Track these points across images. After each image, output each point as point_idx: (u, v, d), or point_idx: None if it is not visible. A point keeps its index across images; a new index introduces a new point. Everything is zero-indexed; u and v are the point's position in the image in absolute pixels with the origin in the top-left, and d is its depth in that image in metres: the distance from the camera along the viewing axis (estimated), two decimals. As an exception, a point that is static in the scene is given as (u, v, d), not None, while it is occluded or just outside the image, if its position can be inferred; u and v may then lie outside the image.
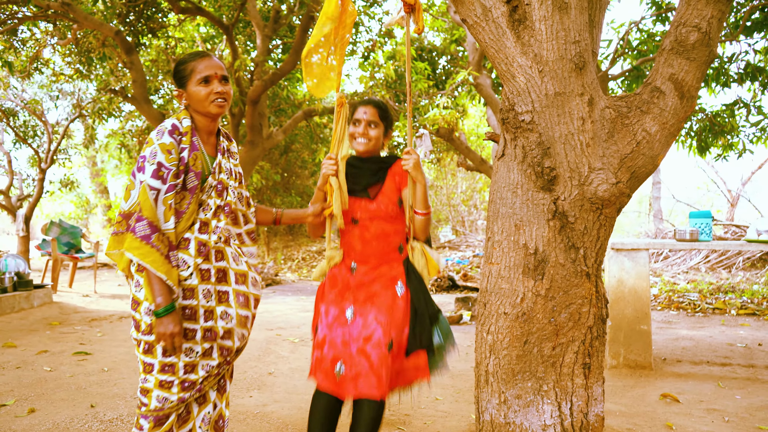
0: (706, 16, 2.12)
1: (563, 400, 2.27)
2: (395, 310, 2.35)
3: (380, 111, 2.52)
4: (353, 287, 2.44)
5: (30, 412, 3.36)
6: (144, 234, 1.93)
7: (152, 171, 1.96)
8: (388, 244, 2.48)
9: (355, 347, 2.29)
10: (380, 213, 2.46)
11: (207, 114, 2.13)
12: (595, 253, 2.27)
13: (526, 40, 2.19)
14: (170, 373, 2.03)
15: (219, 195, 2.16)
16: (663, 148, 2.19)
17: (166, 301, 1.96)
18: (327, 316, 2.42)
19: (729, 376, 4.19)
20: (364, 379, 2.23)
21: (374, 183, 2.49)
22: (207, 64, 2.11)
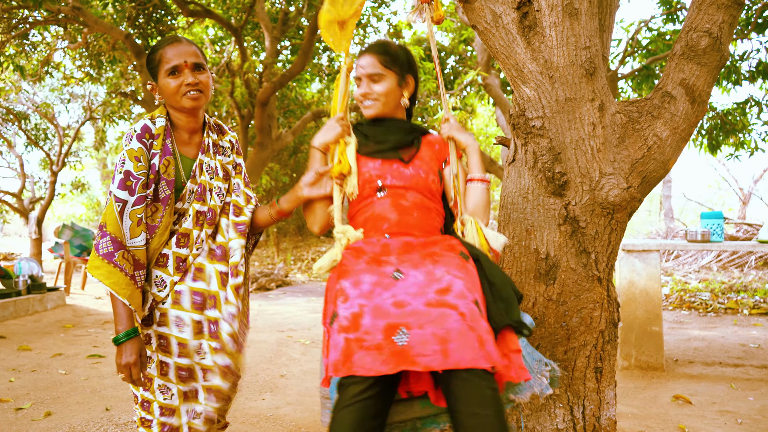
0: (717, 21, 2.12)
1: (575, 404, 2.27)
2: (469, 272, 1.71)
3: (383, 57, 2.00)
4: (397, 250, 1.80)
5: (46, 416, 3.40)
6: (107, 252, 1.72)
7: (119, 181, 1.76)
8: (431, 219, 1.94)
9: (422, 301, 1.57)
10: (418, 181, 1.93)
11: (181, 109, 1.87)
12: (607, 258, 2.28)
13: (536, 46, 2.20)
14: (147, 411, 1.86)
15: (199, 199, 1.90)
16: (674, 153, 2.19)
17: (126, 326, 1.75)
18: (357, 287, 1.65)
19: (742, 377, 4.18)
20: (460, 338, 1.47)
21: (407, 144, 2.01)
22: (176, 51, 1.83)
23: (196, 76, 1.84)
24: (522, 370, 1.61)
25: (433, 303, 1.55)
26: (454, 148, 2.03)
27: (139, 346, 1.76)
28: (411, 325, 1.50)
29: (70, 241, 8.60)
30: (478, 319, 1.52)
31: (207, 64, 1.91)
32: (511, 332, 1.67)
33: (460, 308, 1.52)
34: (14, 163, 14.45)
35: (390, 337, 1.49)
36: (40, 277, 7.20)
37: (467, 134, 2.01)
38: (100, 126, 13.63)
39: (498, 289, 1.71)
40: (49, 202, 12.69)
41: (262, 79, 10.35)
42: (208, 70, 1.91)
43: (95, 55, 9.99)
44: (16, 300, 6.50)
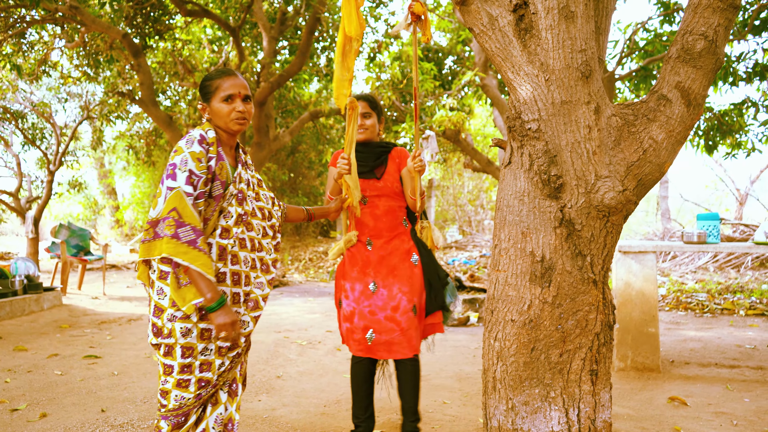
0: (712, 24, 2.12)
1: (571, 407, 2.28)
2: (414, 278, 2.80)
3: (370, 103, 2.93)
4: (373, 263, 2.83)
5: (42, 417, 3.39)
6: (190, 239, 2.00)
7: (185, 178, 2.04)
8: (395, 218, 2.91)
9: (383, 315, 2.72)
10: (386, 190, 2.89)
11: (227, 130, 2.23)
12: (602, 261, 2.28)
13: (532, 48, 2.20)
14: (188, 372, 2.10)
15: (239, 204, 2.25)
16: (670, 155, 2.20)
17: (217, 295, 2.04)
18: (353, 291, 2.81)
19: (737, 378, 4.19)
20: (398, 344, 2.70)
21: (379, 165, 2.91)
22: (232, 83, 2.21)
23: (245, 105, 2.23)
24: (439, 326, 2.91)
25: (388, 318, 2.74)
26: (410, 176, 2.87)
27: (230, 309, 2.08)
28: (376, 330, 2.74)
29: (66, 241, 8.58)
30: (411, 325, 2.73)
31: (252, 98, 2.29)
32: (438, 312, 2.88)
33: (402, 324, 2.72)
34: (11, 162, 14.41)
35: (364, 334, 2.74)
36: (37, 277, 7.18)
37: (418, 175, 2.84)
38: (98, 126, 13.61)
39: (432, 284, 2.84)
40: (46, 202, 12.64)
41: (259, 79, 10.34)
42: (252, 102, 2.29)
43: (93, 54, 9.97)
44: (12, 300, 6.48)
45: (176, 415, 2.12)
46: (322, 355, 5.00)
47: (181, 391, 2.10)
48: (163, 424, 2.11)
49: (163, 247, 2.00)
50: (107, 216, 21.54)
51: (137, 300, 8.28)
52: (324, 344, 5.42)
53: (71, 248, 8.70)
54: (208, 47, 12.41)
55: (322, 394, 3.86)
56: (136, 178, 17.84)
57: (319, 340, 5.58)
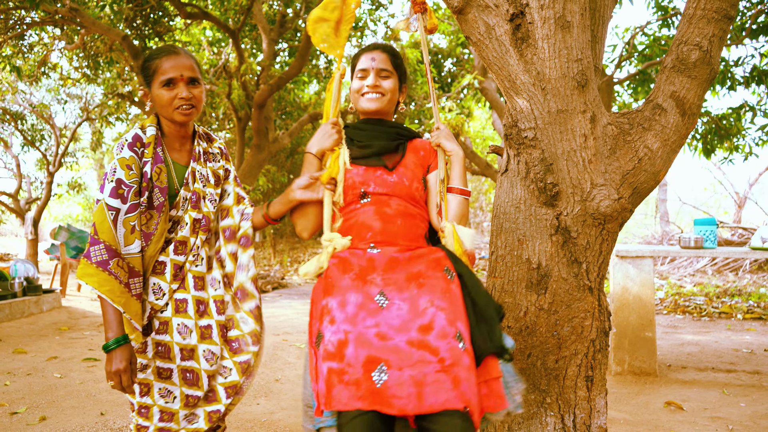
0: (707, 34, 2.14)
1: (566, 413, 2.29)
2: (453, 296, 1.70)
3: (392, 57, 2.10)
4: (382, 267, 1.80)
5: (41, 420, 3.41)
6: (100, 260, 1.73)
7: (111, 189, 1.77)
8: (416, 227, 1.96)
9: (404, 338, 1.57)
10: (401, 189, 1.97)
11: (172, 121, 1.91)
12: (598, 268, 2.30)
13: (528, 58, 2.22)
14: (144, 417, 1.87)
15: (194, 207, 1.94)
16: (665, 164, 2.22)
17: (116, 333, 1.74)
18: (344, 306, 1.66)
19: (734, 382, 4.21)
20: (435, 383, 1.50)
21: (392, 151, 2.04)
22: (173, 63, 1.86)
23: (191, 90, 1.88)
24: (500, 399, 1.64)
25: (415, 343, 1.56)
26: (443, 156, 2.08)
27: (129, 353, 1.75)
28: (391, 363, 1.53)
29: (66, 243, 8.60)
30: (457, 359, 1.54)
31: (202, 77, 1.95)
32: (493, 358, 1.68)
33: (440, 352, 1.54)
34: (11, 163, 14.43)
35: (369, 372, 1.51)
36: (36, 279, 7.20)
37: (455, 143, 2.04)
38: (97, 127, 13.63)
39: (481, 310, 1.72)
40: (45, 203, 12.67)
41: (259, 81, 10.36)
42: (203, 84, 1.95)
43: (92, 56, 9.98)
44: (11, 302, 6.50)
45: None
46: (320, 358, 5.02)
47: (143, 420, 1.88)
48: None
49: (80, 267, 1.77)
50: (106, 217, 21.54)
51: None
52: (322, 347, 5.43)
53: (70, 250, 8.72)
54: (208, 49, 12.44)
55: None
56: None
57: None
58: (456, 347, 1.56)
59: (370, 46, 2.09)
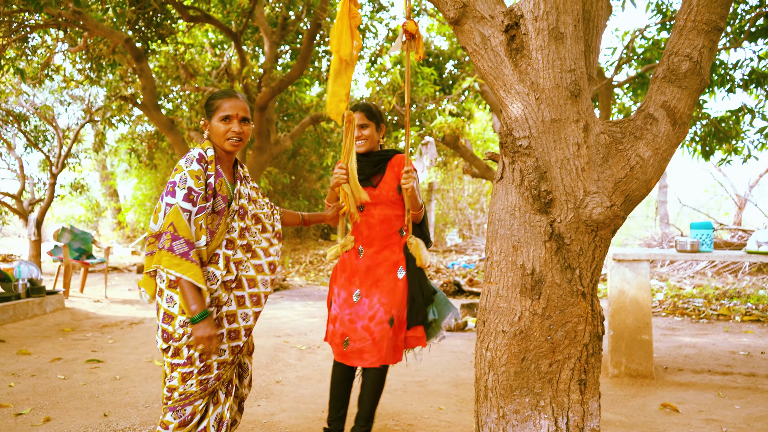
0: (697, 45, 2.19)
1: (560, 416, 2.34)
2: (396, 291, 2.87)
3: (367, 113, 2.95)
4: (361, 272, 2.92)
5: (45, 421, 3.46)
6: (183, 251, 2.15)
7: (183, 195, 2.19)
8: (390, 227, 2.96)
9: (360, 324, 2.82)
10: (382, 198, 2.93)
11: (222, 149, 2.39)
12: (591, 273, 2.35)
13: (523, 68, 2.27)
14: (191, 365, 2.26)
15: (241, 218, 2.44)
16: (656, 172, 2.27)
17: (201, 307, 2.18)
18: (339, 297, 2.94)
19: (730, 385, 4.25)
20: (368, 353, 2.79)
21: (376, 173, 2.95)
22: (231, 104, 2.36)
23: (242, 126, 2.38)
24: (421, 340, 2.92)
25: (364, 327, 2.83)
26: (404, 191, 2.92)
27: (212, 322, 2.21)
28: (351, 338, 2.85)
29: (69, 245, 8.65)
30: (384, 335, 2.80)
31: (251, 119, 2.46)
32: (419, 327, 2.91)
33: (374, 334, 2.80)
34: (14, 164, 14.50)
35: (342, 341, 2.88)
36: (40, 281, 7.25)
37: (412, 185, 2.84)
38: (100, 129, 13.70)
39: (415, 300, 2.90)
40: (48, 204, 12.72)
41: (261, 83, 10.41)
42: (251, 123, 2.44)
43: (95, 58, 10.05)
44: (15, 303, 6.55)
45: (182, 405, 2.26)
46: (321, 359, 5.07)
47: (186, 385, 2.26)
48: (170, 417, 2.26)
49: (162, 258, 2.17)
50: (109, 218, 21.62)
51: (139, 303, 8.36)
52: (323, 349, 5.49)
53: (73, 251, 8.77)
54: (210, 51, 12.49)
55: (320, 400, 3.92)
56: (138, 181, 17.92)
57: (318, 345, 5.65)
58: (386, 328, 2.81)
59: (352, 108, 2.92)
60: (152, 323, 6.73)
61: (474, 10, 2.31)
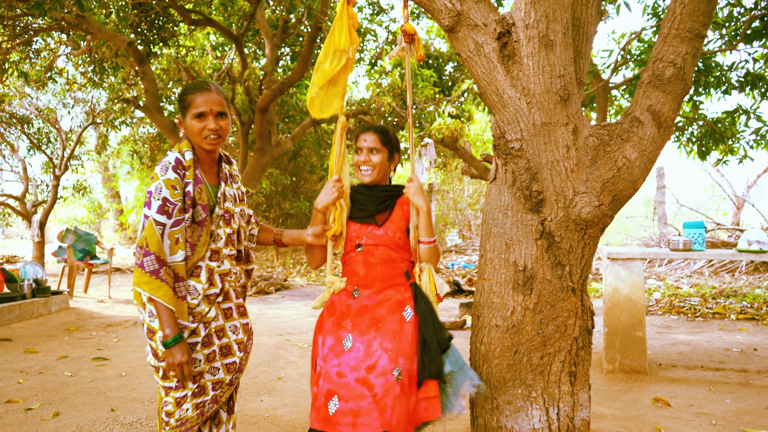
0: (681, 52, 2.30)
1: (551, 406, 2.45)
2: (403, 335, 2.23)
3: (381, 136, 2.46)
4: (354, 313, 2.32)
5: (55, 416, 3.57)
6: (153, 269, 1.99)
7: (158, 206, 2.02)
8: (394, 269, 2.40)
9: (354, 377, 2.13)
10: (387, 240, 2.41)
11: (200, 148, 2.20)
12: (580, 270, 2.45)
13: (515, 74, 2.38)
14: (181, 388, 2.12)
15: (227, 224, 2.23)
16: (642, 173, 2.37)
17: (174, 331, 2.01)
18: (323, 347, 2.28)
19: (721, 380, 4.35)
20: (366, 415, 2.05)
21: (382, 210, 2.45)
22: (204, 99, 2.14)
23: (218, 122, 2.16)
24: (434, 411, 2.17)
25: (360, 380, 2.12)
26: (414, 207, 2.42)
27: (186, 347, 2.05)
28: (341, 396, 2.11)
29: (73, 246, 8.76)
30: (389, 391, 2.09)
31: (229, 111, 2.22)
32: (432, 381, 2.21)
33: (375, 388, 2.09)
34: (17, 166, 14.62)
35: (327, 402, 2.12)
36: (45, 281, 7.36)
37: (422, 199, 2.39)
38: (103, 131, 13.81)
39: (427, 344, 2.24)
40: (51, 206, 12.85)
41: (262, 86, 10.52)
42: (230, 116, 2.22)
43: (98, 61, 10.17)
44: (21, 303, 6.66)
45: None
46: (322, 357, 5.18)
47: (180, 410, 2.13)
48: None
49: (135, 275, 2.03)
50: (111, 219, 21.75)
51: (142, 303, 8.47)
52: (324, 347, 5.59)
53: (77, 252, 8.88)
54: (212, 53, 12.62)
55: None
56: (140, 182, 18.04)
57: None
58: (391, 381, 2.11)
59: (366, 128, 2.50)
60: (156, 322, 6.85)
61: (468, 18, 2.42)
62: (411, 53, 2.51)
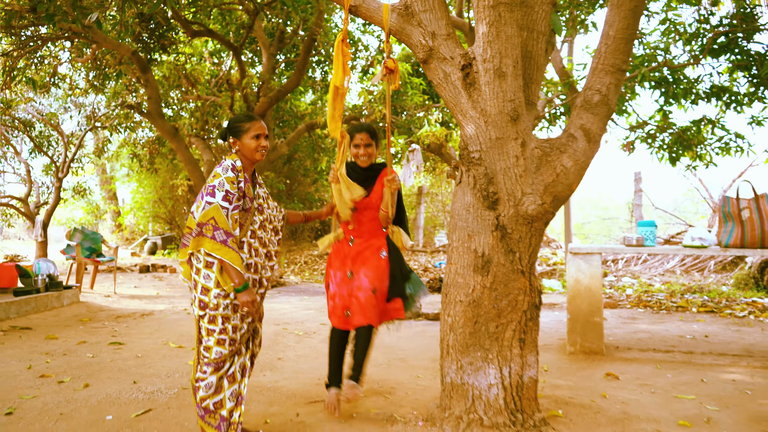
0: (605, 83, 2.88)
1: (504, 366, 3.02)
2: (379, 268, 3.48)
3: (370, 134, 3.56)
4: (351, 256, 3.56)
5: (85, 387, 4.11)
6: (222, 239, 2.76)
7: (222, 196, 2.81)
8: (377, 226, 3.60)
9: (354, 294, 3.45)
10: (372, 204, 3.55)
11: (252, 159, 3.04)
12: (528, 256, 3.03)
13: (475, 98, 2.96)
14: (224, 333, 2.90)
15: (260, 212, 3.12)
16: (576, 178, 2.95)
17: (242, 281, 2.79)
18: (335, 278, 3.58)
19: (668, 360, 4.94)
20: (357, 315, 3.41)
21: (370, 184, 3.57)
22: (260, 125, 3.03)
23: (266, 141, 3.05)
24: (400, 313, 3.50)
25: (354, 296, 3.45)
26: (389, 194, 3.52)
27: (253, 291, 2.85)
28: (350, 307, 3.48)
29: (80, 244, 9.28)
30: (368, 300, 3.41)
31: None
32: (398, 299, 3.51)
33: (360, 299, 3.42)
34: (20, 169, 15.10)
35: (343, 312, 3.50)
36: (57, 276, 7.88)
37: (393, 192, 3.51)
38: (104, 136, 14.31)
39: (395, 276, 3.50)
40: (54, 206, 13.35)
41: (259, 93, 11.08)
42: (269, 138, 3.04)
43: (102, 68, 10.69)
44: (36, 296, 7.19)
45: (216, 362, 2.89)
46: (316, 342, 5.74)
47: (220, 347, 2.89)
48: (206, 369, 2.89)
49: (206, 244, 2.78)
50: (108, 221, 22.20)
51: (147, 298, 9.00)
52: (318, 334, 6.15)
53: (84, 250, 9.40)
54: (209, 60, 13.17)
55: (316, 371, 4.59)
56: (137, 185, 18.53)
57: (314, 331, 6.32)
58: (370, 295, 3.43)
59: (359, 129, 3.56)
60: (161, 315, 7.38)
61: (438, 52, 3.00)
62: (391, 82, 3.09)
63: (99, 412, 3.59)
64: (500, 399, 3.01)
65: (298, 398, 3.93)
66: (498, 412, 3.01)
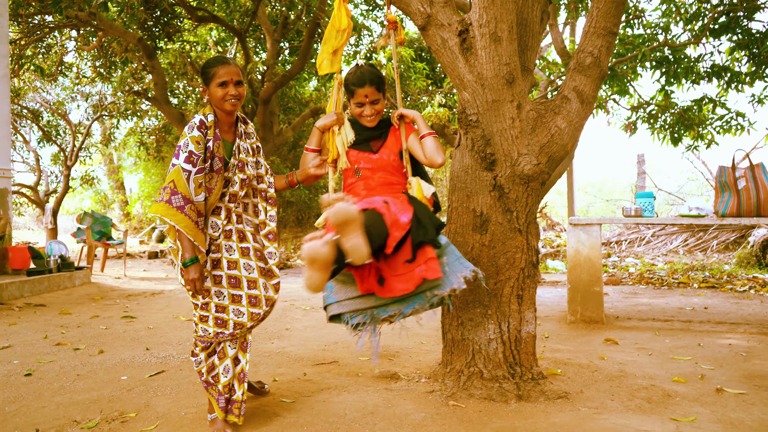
0: (597, 45, 2.98)
1: (502, 321, 3.14)
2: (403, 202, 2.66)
3: (378, 86, 2.86)
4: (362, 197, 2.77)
5: (100, 353, 4.26)
6: (179, 205, 2.49)
7: (185, 157, 2.51)
8: (392, 190, 2.82)
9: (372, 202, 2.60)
10: (383, 163, 2.86)
11: (222, 110, 2.68)
12: (525, 215, 3.14)
13: (472, 62, 3.06)
14: (205, 310, 2.68)
15: (241, 170, 2.73)
16: (570, 138, 3.06)
17: (191, 254, 2.53)
18: None
19: (666, 328, 5.05)
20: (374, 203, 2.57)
21: (377, 137, 2.89)
22: (226, 70, 2.63)
23: (237, 89, 2.67)
24: (434, 271, 2.54)
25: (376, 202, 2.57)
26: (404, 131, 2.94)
27: (199, 267, 2.59)
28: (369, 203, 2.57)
29: (91, 227, 9.45)
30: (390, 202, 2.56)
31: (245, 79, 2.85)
32: (429, 246, 2.59)
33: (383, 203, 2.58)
34: (29, 158, 15.28)
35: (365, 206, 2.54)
36: (69, 257, 8.05)
37: (412, 110, 2.91)
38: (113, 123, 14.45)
39: (422, 221, 2.59)
40: (63, 195, 13.54)
41: (264, 78, 11.19)
42: (245, 84, 2.78)
43: (108, 56, 10.82)
44: (49, 276, 7.35)
45: (202, 340, 2.70)
46: (322, 316, 5.88)
47: (204, 325, 2.69)
48: (197, 344, 2.74)
49: (159, 208, 2.51)
50: (116, 210, 22.41)
51: (156, 280, 9.16)
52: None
53: (95, 234, 9.57)
54: (214, 48, 13.27)
55: (322, 339, 4.73)
56: (145, 174, 18.70)
57: (321, 306, 6.46)
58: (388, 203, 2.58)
59: (362, 81, 2.84)
60: (171, 294, 7.54)
61: (436, 19, 3.10)
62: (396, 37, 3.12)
63: (114, 373, 3.74)
64: (499, 353, 3.14)
65: (305, 361, 4.07)
66: (497, 366, 3.13)
